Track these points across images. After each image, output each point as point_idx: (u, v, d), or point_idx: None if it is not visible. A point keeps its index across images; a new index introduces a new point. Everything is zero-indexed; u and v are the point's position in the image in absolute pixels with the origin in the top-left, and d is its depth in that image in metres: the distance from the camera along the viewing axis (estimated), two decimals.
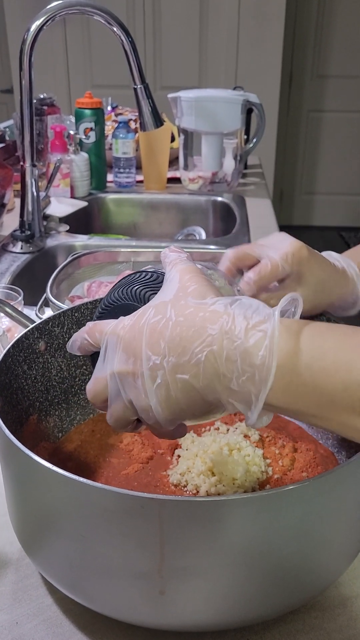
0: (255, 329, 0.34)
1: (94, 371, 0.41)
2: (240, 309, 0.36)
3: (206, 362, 0.35)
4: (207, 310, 0.36)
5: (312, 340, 0.34)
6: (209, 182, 1.62)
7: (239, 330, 0.35)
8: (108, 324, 0.40)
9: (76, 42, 3.21)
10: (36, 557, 0.46)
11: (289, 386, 0.34)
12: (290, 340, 0.34)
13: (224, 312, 0.36)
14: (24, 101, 1.10)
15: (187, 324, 0.36)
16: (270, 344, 0.34)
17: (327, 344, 0.34)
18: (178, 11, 3.11)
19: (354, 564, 0.50)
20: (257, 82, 3.03)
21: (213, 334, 0.35)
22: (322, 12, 3.41)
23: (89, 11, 1.08)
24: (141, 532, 0.37)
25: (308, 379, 0.34)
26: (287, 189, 3.87)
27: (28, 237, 1.19)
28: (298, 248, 0.53)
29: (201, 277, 0.39)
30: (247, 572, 0.39)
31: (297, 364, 0.34)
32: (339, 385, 0.33)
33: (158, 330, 0.36)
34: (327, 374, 0.34)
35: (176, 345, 0.36)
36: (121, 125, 1.58)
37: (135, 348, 0.37)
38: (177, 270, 0.40)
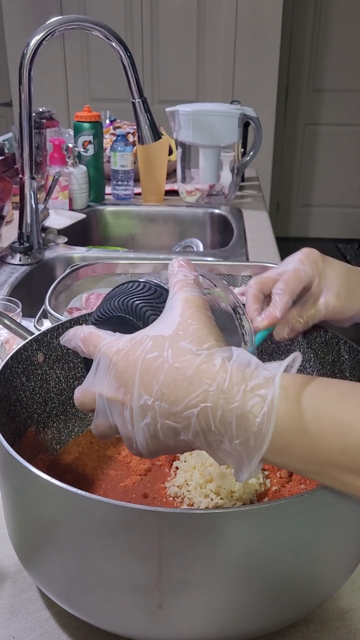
0: (253, 393, 0.34)
1: (85, 379, 0.40)
2: (239, 366, 0.35)
3: (199, 416, 0.34)
4: (205, 361, 0.35)
5: (310, 401, 0.34)
6: (207, 195, 1.63)
7: (236, 391, 0.34)
8: (103, 340, 0.39)
9: (75, 56, 3.24)
10: (33, 570, 0.45)
11: (285, 447, 0.34)
12: (289, 402, 0.34)
13: (221, 367, 0.35)
14: (23, 114, 1.11)
15: (183, 373, 0.35)
16: (269, 411, 0.33)
17: (324, 404, 0.34)
18: (175, 26, 3.15)
19: (353, 576, 0.50)
20: (254, 96, 3.06)
21: (209, 390, 0.34)
22: (318, 27, 3.45)
23: (88, 26, 1.10)
24: (139, 545, 0.37)
25: (305, 441, 0.33)
26: (284, 201, 3.89)
27: (26, 249, 1.19)
28: (309, 251, 0.55)
29: (204, 315, 0.38)
30: (245, 585, 0.39)
31: (295, 426, 0.33)
32: (336, 448, 0.33)
33: (153, 369, 0.35)
34: (324, 435, 0.33)
35: (170, 392, 0.35)
36: (119, 138, 1.59)
37: (127, 380, 0.36)
38: (180, 299, 0.39)
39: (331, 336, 0.57)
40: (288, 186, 3.85)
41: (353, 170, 3.76)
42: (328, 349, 0.58)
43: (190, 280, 0.40)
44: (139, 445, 0.37)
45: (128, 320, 0.42)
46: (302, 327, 0.55)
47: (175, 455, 0.58)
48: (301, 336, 0.60)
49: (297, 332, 0.55)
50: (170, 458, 0.58)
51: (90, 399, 0.39)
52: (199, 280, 0.41)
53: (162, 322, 0.38)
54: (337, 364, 0.57)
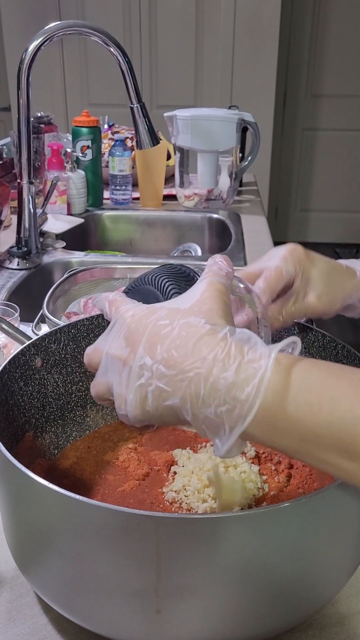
0: (248, 365, 0.35)
1: (98, 339, 0.42)
2: (240, 341, 0.36)
3: (191, 382, 0.35)
4: (209, 334, 0.36)
5: (301, 375, 0.34)
6: (205, 199, 1.63)
7: (232, 362, 0.35)
8: (125, 304, 0.41)
9: (73, 61, 3.25)
10: (31, 576, 0.45)
11: (270, 420, 0.34)
12: (280, 376, 0.34)
13: (222, 339, 0.36)
14: (22, 119, 1.12)
15: (186, 341, 0.36)
16: (259, 382, 0.34)
17: (314, 379, 0.34)
18: (174, 31, 3.16)
19: (351, 581, 0.50)
20: (252, 101, 3.07)
21: (206, 358, 0.35)
22: (316, 32, 3.47)
23: (87, 32, 1.10)
24: (137, 550, 0.37)
25: (292, 413, 0.34)
26: (282, 206, 3.90)
27: (25, 254, 1.19)
28: (292, 247, 0.54)
29: (221, 299, 0.40)
30: (243, 590, 0.39)
31: (284, 398, 0.34)
32: (322, 422, 0.33)
33: (160, 335, 0.37)
34: (311, 409, 0.33)
35: (170, 356, 0.36)
36: (118, 143, 1.59)
37: (134, 341, 0.38)
38: (206, 281, 0.41)
39: (329, 340, 0.57)
40: (286, 191, 3.86)
41: (351, 176, 3.77)
42: (326, 353, 0.58)
43: (223, 272, 0.42)
44: (128, 406, 0.38)
45: (154, 294, 0.45)
46: (280, 325, 0.55)
47: (173, 460, 0.58)
48: None
49: (275, 330, 0.56)
50: (169, 463, 0.58)
51: (98, 357, 0.41)
52: (231, 275, 0.43)
53: (182, 298, 0.40)
54: None
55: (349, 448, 0.33)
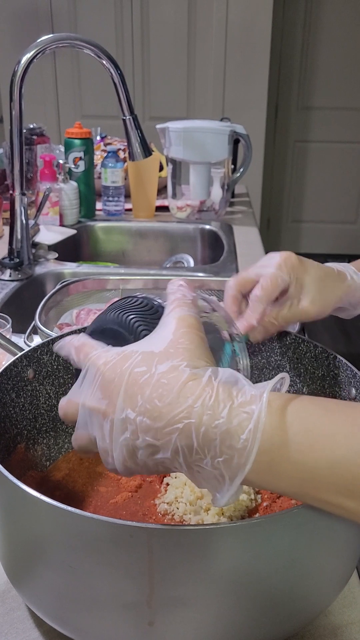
0: (239, 410, 0.33)
1: (71, 389, 0.40)
2: (226, 384, 0.35)
3: (181, 434, 0.33)
4: (192, 379, 0.35)
5: (297, 415, 0.33)
6: (197, 211, 1.64)
7: (222, 408, 0.33)
8: (94, 349, 0.38)
9: (66, 73, 3.27)
10: (23, 589, 0.45)
11: (270, 464, 0.33)
12: (274, 417, 0.33)
13: (207, 384, 0.34)
14: (14, 131, 1.12)
15: (169, 389, 0.34)
16: (255, 427, 0.33)
17: (311, 419, 0.33)
18: (166, 44, 3.19)
19: (344, 592, 0.50)
20: (244, 114, 3.10)
21: (194, 407, 0.33)
22: (307, 46, 3.52)
23: (79, 45, 1.11)
24: (130, 562, 0.37)
25: (291, 455, 0.33)
26: (274, 217, 3.93)
27: (17, 265, 1.19)
28: (287, 255, 0.56)
29: (196, 335, 0.38)
30: (236, 601, 0.39)
31: (281, 441, 0.33)
32: (323, 463, 0.32)
33: (139, 384, 0.35)
34: (311, 449, 0.33)
35: (153, 407, 0.34)
36: (110, 154, 1.60)
37: (112, 392, 0.36)
38: (174, 317, 0.39)
39: (321, 351, 0.58)
40: (278, 202, 3.89)
41: (343, 187, 3.81)
42: (318, 364, 0.58)
43: (188, 300, 0.40)
44: (116, 461, 0.36)
45: (121, 334, 0.42)
46: (276, 330, 0.57)
47: None
48: (291, 351, 0.60)
49: (271, 334, 0.57)
50: (161, 475, 0.58)
51: (73, 409, 0.39)
52: (197, 301, 0.41)
53: (154, 338, 0.38)
54: (327, 379, 0.57)
55: (351, 487, 0.32)
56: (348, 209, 3.87)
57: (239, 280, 0.56)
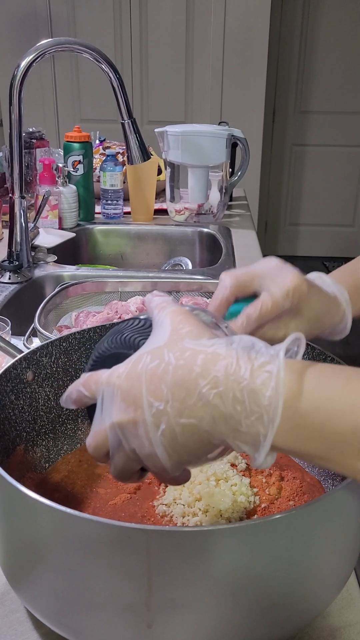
0: (261, 370, 0.34)
1: (92, 425, 0.40)
2: (243, 349, 0.36)
3: (213, 402, 0.34)
4: (208, 352, 0.35)
5: (318, 382, 0.34)
6: (195, 214, 1.65)
7: (244, 371, 0.34)
8: (103, 374, 0.39)
9: (65, 77, 3.28)
10: (22, 591, 0.45)
11: (296, 429, 0.34)
12: (295, 381, 0.34)
13: (226, 353, 0.35)
14: (14, 134, 1.12)
15: (189, 367, 0.35)
16: (276, 384, 0.34)
17: (333, 386, 0.34)
18: (165, 48, 3.21)
19: (343, 593, 0.50)
20: (242, 118, 3.11)
21: (218, 376, 0.34)
22: (304, 50, 3.53)
23: (78, 49, 1.12)
24: (129, 564, 0.37)
25: (315, 421, 0.34)
26: (272, 220, 3.94)
27: (16, 268, 1.20)
28: (299, 284, 0.50)
29: (193, 319, 0.39)
30: (234, 603, 0.39)
31: (303, 406, 0.34)
32: (347, 428, 0.33)
33: (158, 375, 0.36)
34: (334, 416, 0.33)
35: (180, 388, 0.35)
36: (109, 158, 1.61)
37: (135, 396, 0.36)
38: (166, 313, 0.39)
39: (319, 353, 0.58)
40: (276, 205, 3.90)
41: (340, 190, 3.82)
42: None
43: (169, 300, 0.41)
44: (162, 459, 0.36)
45: (121, 354, 0.41)
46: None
47: None
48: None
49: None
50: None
51: (102, 439, 0.39)
52: (175, 301, 0.42)
53: (155, 337, 0.39)
54: None
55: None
56: (345, 212, 3.89)
57: (238, 283, 0.52)
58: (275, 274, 0.52)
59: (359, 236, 3.95)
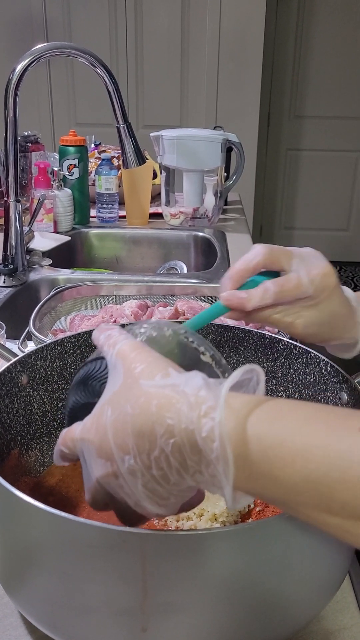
0: (207, 417, 0.32)
1: (84, 481, 0.40)
2: (193, 390, 0.33)
3: (173, 454, 0.33)
4: (161, 395, 0.34)
5: (270, 426, 0.32)
6: (190, 218, 1.65)
7: (193, 417, 0.32)
8: (76, 430, 0.39)
9: (60, 81, 3.28)
10: (16, 595, 0.45)
11: (251, 477, 0.32)
12: (241, 428, 0.32)
13: (176, 396, 0.33)
14: (9, 138, 1.12)
15: (145, 415, 0.34)
16: (220, 434, 0.32)
17: (286, 428, 0.32)
18: (160, 53, 3.22)
19: (337, 597, 0.50)
20: (237, 122, 3.12)
21: (172, 424, 0.33)
22: (299, 55, 3.55)
23: (74, 53, 1.12)
24: (123, 567, 0.37)
25: (265, 469, 0.32)
26: (267, 224, 3.95)
27: (11, 271, 1.19)
28: (329, 274, 0.48)
29: (145, 352, 0.37)
30: (229, 606, 0.39)
31: (252, 454, 0.32)
32: (298, 477, 0.31)
33: (121, 427, 0.35)
34: (285, 464, 0.31)
35: (142, 440, 0.34)
36: (104, 162, 1.61)
37: (107, 451, 0.36)
38: (117, 352, 0.38)
39: (313, 356, 0.58)
40: (271, 209, 3.91)
41: (334, 194, 3.84)
42: (310, 369, 0.58)
43: (115, 333, 0.40)
44: (151, 509, 0.36)
45: (87, 404, 0.41)
46: (257, 322, 0.50)
47: None
48: (283, 357, 0.61)
49: (250, 323, 0.51)
50: None
51: (95, 494, 0.39)
52: (122, 329, 0.41)
53: (111, 382, 0.38)
54: (318, 384, 0.58)
55: (330, 503, 0.30)
56: (340, 216, 3.90)
57: (271, 255, 0.49)
58: (309, 258, 0.49)
59: (353, 240, 3.97)
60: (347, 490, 0.30)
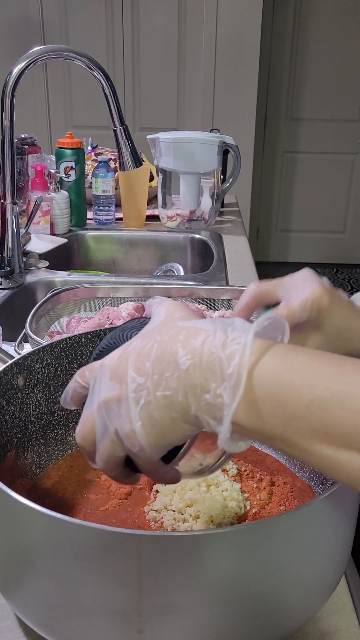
0: (232, 342, 0.35)
1: (82, 411, 0.40)
2: (222, 325, 0.36)
3: (187, 372, 0.35)
4: (191, 328, 0.37)
5: (285, 356, 0.35)
6: (187, 220, 1.65)
7: (218, 342, 0.35)
8: (97, 363, 0.40)
9: (57, 84, 3.28)
10: (12, 598, 0.45)
11: (257, 401, 0.34)
12: (261, 353, 0.35)
13: (206, 328, 0.36)
14: (6, 140, 1.13)
15: (172, 341, 0.36)
16: (242, 354, 0.34)
17: (299, 359, 0.34)
18: (157, 56, 3.22)
19: (333, 598, 0.50)
20: (233, 125, 3.13)
21: (196, 347, 0.35)
22: (295, 58, 3.56)
23: (70, 56, 1.12)
24: (119, 569, 0.37)
25: (274, 392, 0.33)
26: (263, 226, 3.96)
27: (8, 273, 1.19)
28: (319, 295, 0.50)
29: (188, 309, 0.41)
30: (225, 608, 0.39)
31: (265, 377, 0.34)
32: (303, 401, 0.33)
33: (144, 353, 0.37)
34: (292, 388, 0.33)
35: (160, 361, 0.36)
36: (101, 164, 1.61)
37: (121, 373, 0.37)
38: (163, 305, 0.41)
39: None
40: (267, 212, 3.92)
41: (330, 197, 3.85)
42: None
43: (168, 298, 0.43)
44: (139, 437, 0.36)
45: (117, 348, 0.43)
46: None
47: None
48: None
49: None
50: (151, 481, 0.58)
51: (90, 425, 0.39)
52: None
53: (150, 324, 0.40)
54: None
55: (329, 429, 0.32)
56: (336, 218, 3.91)
57: (261, 290, 0.53)
58: (300, 284, 0.51)
59: (349, 243, 3.98)
60: (347, 418, 0.32)
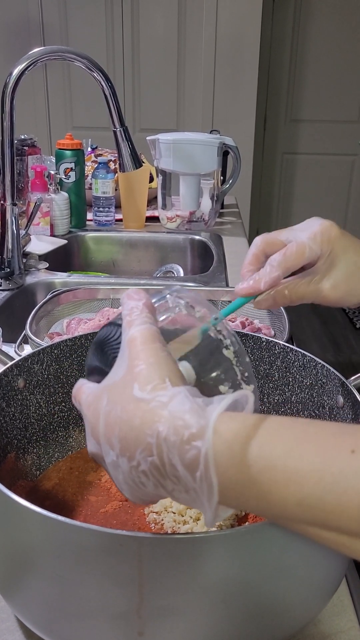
0: (190, 444, 0.32)
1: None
2: (178, 413, 0.33)
3: (151, 469, 0.34)
4: (146, 409, 0.34)
5: (260, 448, 0.31)
6: (187, 221, 1.65)
7: (175, 443, 0.32)
8: (83, 394, 0.39)
9: (57, 85, 3.29)
10: (12, 599, 0.45)
11: (239, 499, 0.32)
12: (234, 453, 0.31)
13: (160, 415, 0.33)
14: (5, 142, 1.13)
15: (129, 425, 0.34)
16: (205, 463, 0.31)
17: (276, 452, 0.31)
18: (156, 57, 3.22)
19: (333, 600, 0.50)
20: (233, 126, 3.13)
21: (152, 443, 0.33)
22: (295, 59, 3.56)
23: (70, 57, 1.12)
24: (120, 571, 0.37)
25: (257, 494, 0.31)
26: (263, 227, 3.95)
27: (7, 275, 1.19)
28: (327, 227, 0.49)
29: (150, 351, 0.36)
30: (225, 610, 0.39)
31: (244, 479, 0.31)
32: (291, 501, 0.31)
33: (110, 424, 0.35)
34: (277, 488, 0.31)
35: (124, 447, 0.34)
36: (101, 165, 1.61)
37: (97, 437, 0.37)
38: (129, 337, 0.37)
39: (309, 360, 0.58)
40: (267, 213, 3.92)
41: (330, 198, 3.85)
42: (306, 372, 0.59)
43: (137, 312, 0.38)
44: (126, 494, 0.37)
45: (103, 369, 0.43)
46: (286, 303, 0.50)
47: None
48: (279, 360, 0.61)
49: (279, 306, 0.52)
50: None
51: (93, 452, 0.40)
52: (150, 304, 0.39)
53: (116, 368, 0.38)
54: (315, 387, 0.58)
55: (325, 521, 0.31)
56: (335, 220, 3.85)
57: (267, 239, 0.51)
58: (306, 224, 0.50)
59: None
60: (342, 514, 0.30)
